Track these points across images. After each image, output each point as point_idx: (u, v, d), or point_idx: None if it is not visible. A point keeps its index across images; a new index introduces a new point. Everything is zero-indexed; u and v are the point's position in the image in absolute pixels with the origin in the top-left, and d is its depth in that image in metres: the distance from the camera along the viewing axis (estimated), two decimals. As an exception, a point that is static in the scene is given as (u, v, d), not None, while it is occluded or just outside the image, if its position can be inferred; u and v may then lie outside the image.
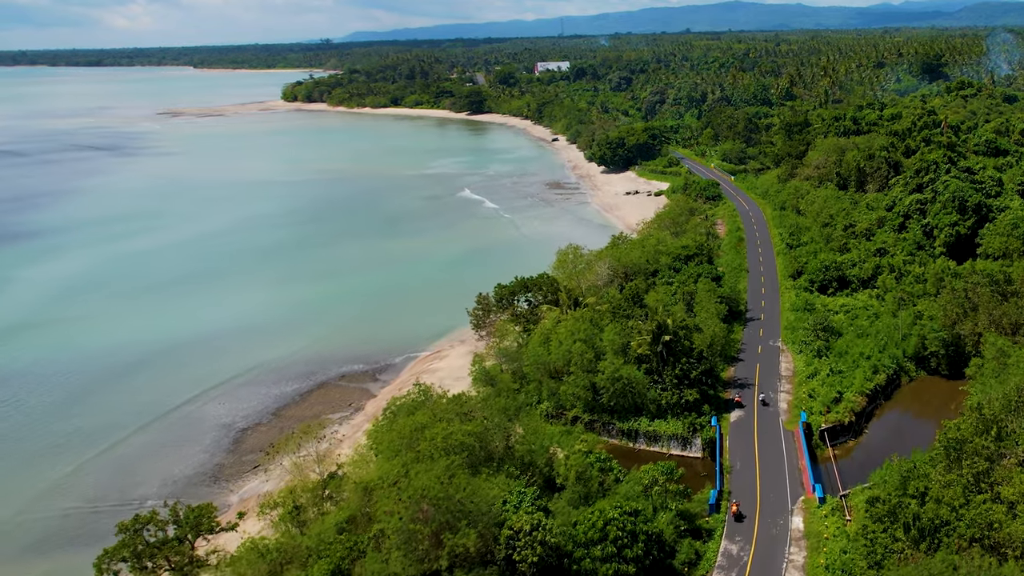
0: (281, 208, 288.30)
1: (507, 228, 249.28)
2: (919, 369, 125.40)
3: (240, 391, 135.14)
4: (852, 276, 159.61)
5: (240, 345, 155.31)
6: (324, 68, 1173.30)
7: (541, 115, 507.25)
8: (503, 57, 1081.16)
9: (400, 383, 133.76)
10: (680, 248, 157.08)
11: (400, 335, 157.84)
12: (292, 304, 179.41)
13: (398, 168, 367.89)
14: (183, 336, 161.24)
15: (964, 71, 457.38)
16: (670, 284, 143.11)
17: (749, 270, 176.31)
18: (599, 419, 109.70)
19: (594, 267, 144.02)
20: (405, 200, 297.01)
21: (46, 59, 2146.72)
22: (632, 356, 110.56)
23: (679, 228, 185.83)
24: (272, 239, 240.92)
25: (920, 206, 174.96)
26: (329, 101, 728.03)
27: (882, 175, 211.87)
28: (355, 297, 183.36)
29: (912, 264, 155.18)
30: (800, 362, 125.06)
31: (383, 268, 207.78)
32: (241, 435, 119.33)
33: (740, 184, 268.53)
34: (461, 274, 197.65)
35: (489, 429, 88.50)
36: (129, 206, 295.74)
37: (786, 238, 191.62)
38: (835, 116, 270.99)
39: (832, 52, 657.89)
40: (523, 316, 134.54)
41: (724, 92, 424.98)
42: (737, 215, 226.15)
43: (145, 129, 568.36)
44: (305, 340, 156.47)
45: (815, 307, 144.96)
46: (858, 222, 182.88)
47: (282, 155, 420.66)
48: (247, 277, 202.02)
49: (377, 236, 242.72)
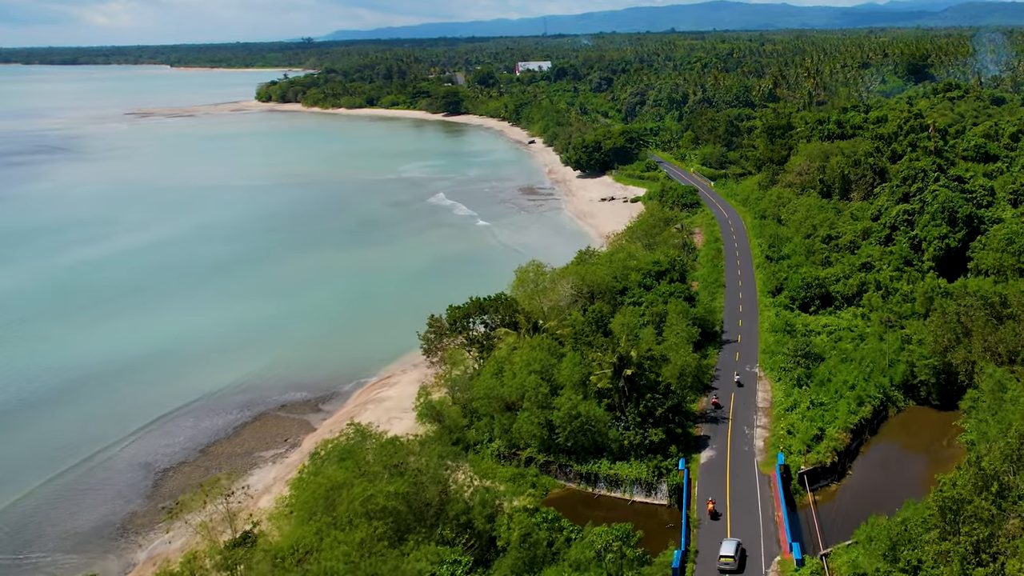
0: (241, 215, 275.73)
1: (477, 236, 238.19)
2: (907, 398, 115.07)
3: (168, 424, 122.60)
4: (836, 293, 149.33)
5: (177, 371, 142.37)
6: (303, 67, 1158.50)
7: (519, 117, 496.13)
8: (484, 57, 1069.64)
9: (344, 414, 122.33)
10: (651, 264, 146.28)
11: (352, 358, 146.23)
12: (240, 324, 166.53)
13: (369, 172, 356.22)
14: (113, 362, 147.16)
15: (950, 72, 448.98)
16: (639, 304, 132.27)
17: (726, 285, 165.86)
18: (556, 460, 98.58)
19: (557, 286, 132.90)
20: (373, 206, 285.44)
21: (20, 57, 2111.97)
22: (592, 390, 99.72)
23: (652, 240, 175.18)
24: (227, 249, 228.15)
25: (908, 217, 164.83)
26: (304, 101, 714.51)
27: (867, 182, 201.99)
28: (308, 315, 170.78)
29: (899, 280, 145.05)
30: (779, 391, 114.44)
31: (342, 282, 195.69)
32: (162, 477, 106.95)
33: (720, 190, 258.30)
34: (424, 288, 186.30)
35: (422, 483, 77.57)
36: (75, 213, 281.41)
37: (766, 250, 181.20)
38: (819, 119, 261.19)
39: (817, 52, 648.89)
40: (478, 341, 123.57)
41: (706, 93, 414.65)
42: (716, 224, 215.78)
43: (109, 130, 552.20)
44: (249, 365, 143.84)
45: (796, 328, 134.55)
46: (842, 233, 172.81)
47: (249, 158, 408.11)
48: (193, 293, 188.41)
49: (340, 246, 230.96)
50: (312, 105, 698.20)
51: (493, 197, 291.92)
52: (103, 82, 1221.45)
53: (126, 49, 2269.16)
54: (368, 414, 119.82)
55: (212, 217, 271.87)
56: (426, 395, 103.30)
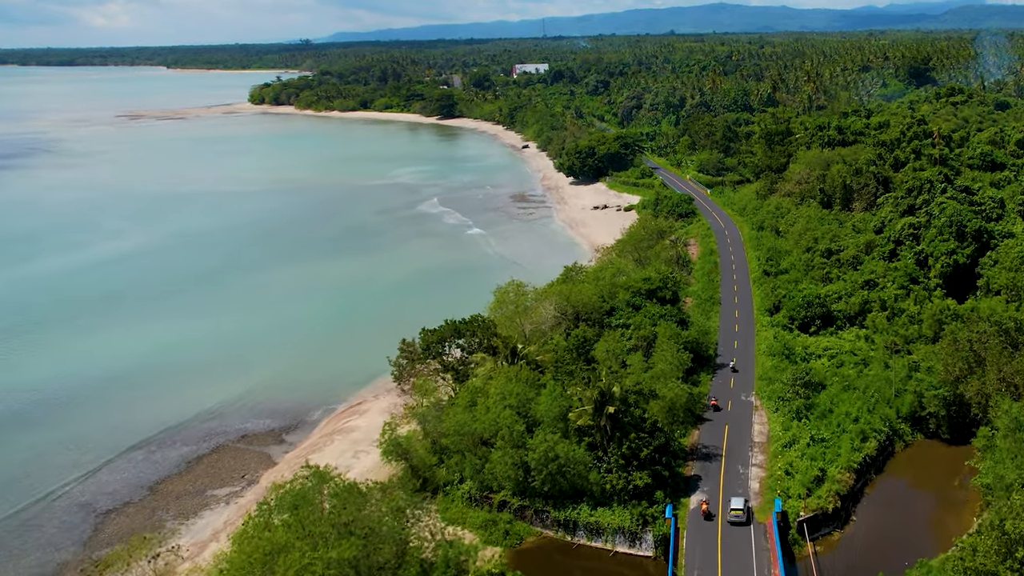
0: (223, 223, 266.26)
1: (465, 246, 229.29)
2: (915, 431, 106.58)
3: (117, 457, 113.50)
4: (837, 312, 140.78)
5: (134, 397, 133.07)
6: (300, 69, 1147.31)
7: (513, 120, 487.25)
8: (482, 59, 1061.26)
9: (308, 447, 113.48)
10: (641, 281, 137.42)
11: (322, 381, 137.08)
12: (207, 343, 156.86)
13: (359, 177, 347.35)
14: (67, 387, 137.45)
15: (952, 76, 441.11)
16: (627, 327, 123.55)
17: (722, 302, 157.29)
18: (531, 505, 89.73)
19: (539, 307, 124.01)
20: (360, 214, 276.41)
21: (16, 58, 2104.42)
22: (572, 428, 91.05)
23: (643, 254, 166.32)
24: (203, 260, 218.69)
25: (913, 231, 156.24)
26: (297, 104, 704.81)
27: (870, 192, 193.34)
28: (280, 333, 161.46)
29: (905, 300, 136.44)
30: (776, 424, 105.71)
31: (321, 296, 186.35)
32: (103, 520, 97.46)
33: (716, 199, 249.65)
34: (405, 302, 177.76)
35: (376, 543, 68.97)
36: (49, 220, 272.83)
37: (763, 263, 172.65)
38: (819, 125, 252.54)
39: (816, 55, 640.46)
40: (453, 367, 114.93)
41: (704, 97, 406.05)
42: (712, 235, 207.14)
43: (94, 133, 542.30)
44: (212, 389, 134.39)
45: (795, 351, 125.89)
46: (844, 247, 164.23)
47: (237, 162, 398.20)
48: (162, 308, 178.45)
49: (323, 256, 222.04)
50: (305, 108, 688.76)
51: (483, 205, 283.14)
52: (97, 84, 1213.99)
53: (124, 50, 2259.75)
54: (333, 447, 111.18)
55: (192, 225, 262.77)
56: (391, 431, 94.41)
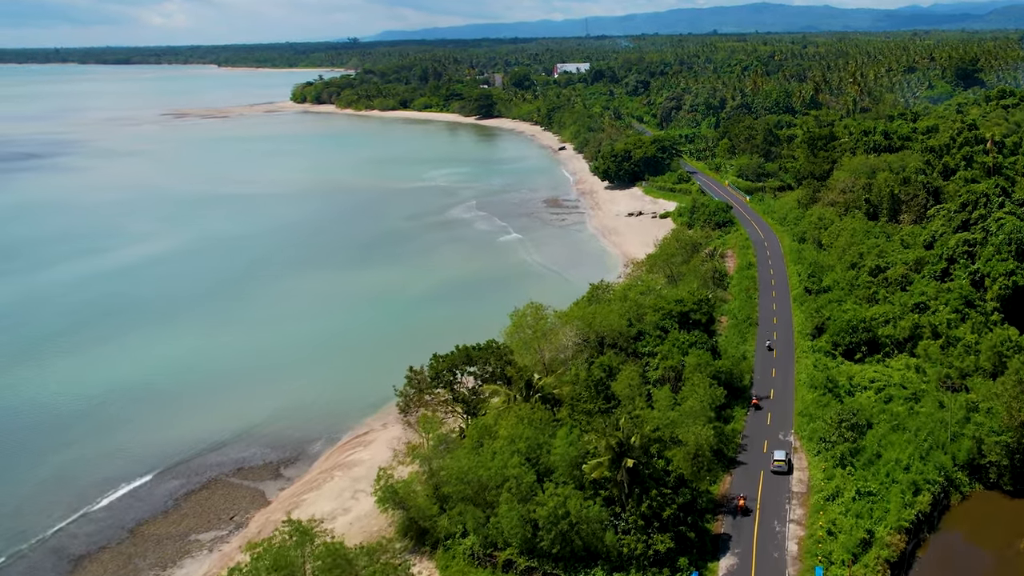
0: (250, 227, 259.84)
1: (495, 255, 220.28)
2: (973, 481, 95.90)
3: (99, 497, 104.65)
4: (884, 337, 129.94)
5: (125, 423, 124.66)
6: (345, 68, 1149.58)
7: (551, 121, 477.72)
8: (524, 58, 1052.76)
9: (305, 484, 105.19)
10: (672, 303, 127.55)
11: (329, 406, 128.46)
12: (211, 362, 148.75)
13: (393, 180, 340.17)
14: (55, 410, 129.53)
15: (1001, 77, 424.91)
16: (653, 356, 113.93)
17: (760, 323, 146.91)
18: (540, 567, 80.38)
19: (559, 333, 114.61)
20: (389, 219, 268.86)
21: (77, 57, 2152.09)
22: (587, 480, 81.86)
23: (676, 270, 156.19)
24: (224, 267, 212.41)
25: (968, 248, 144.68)
26: (337, 103, 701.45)
27: (919, 203, 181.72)
28: (292, 350, 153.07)
29: (960, 327, 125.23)
30: (817, 471, 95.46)
31: (341, 308, 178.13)
32: (74, 568, 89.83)
33: (756, 206, 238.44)
34: (429, 316, 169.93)
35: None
36: (78, 223, 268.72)
37: (805, 280, 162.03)
38: (864, 130, 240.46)
39: (860, 56, 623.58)
40: (463, 399, 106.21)
41: (744, 99, 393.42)
42: (750, 246, 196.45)
43: (136, 132, 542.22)
44: (212, 413, 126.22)
45: (838, 384, 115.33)
46: (891, 263, 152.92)
47: (271, 163, 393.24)
48: (172, 321, 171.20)
49: (346, 265, 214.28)
50: (345, 107, 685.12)
51: (517, 210, 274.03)
52: (149, 82, 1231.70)
53: (178, 49, 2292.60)
54: (332, 485, 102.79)
55: (221, 229, 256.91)
56: (387, 477, 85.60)
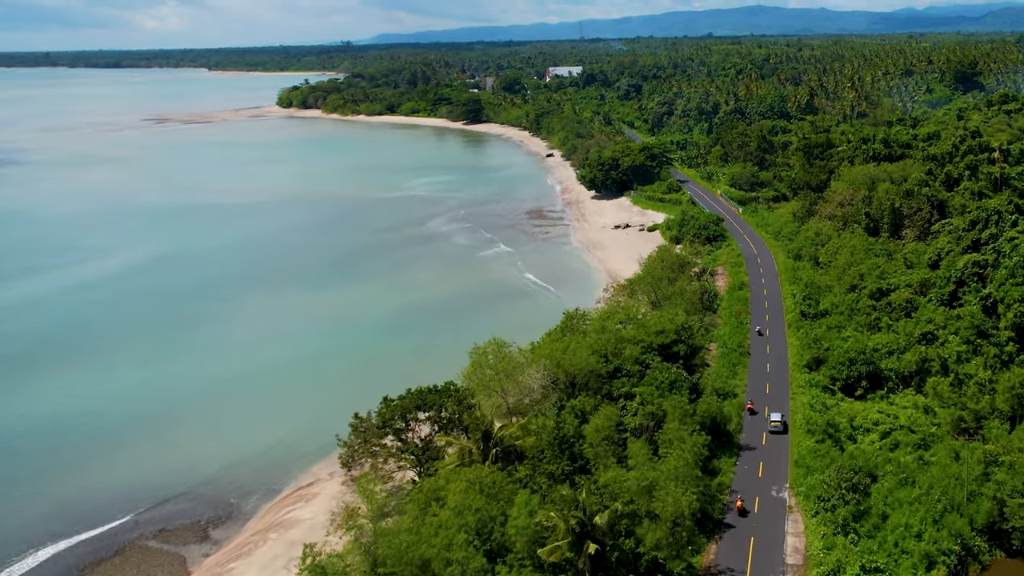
0: (216, 241, 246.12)
1: (469, 273, 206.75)
2: (994, 548, 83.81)
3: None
4: (888, 371, 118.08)
5: (33, 473, 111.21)
6: (336, 71, 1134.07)
7: (539, 126, 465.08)
8: (517, 61, 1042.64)
9: (234, 548, 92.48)
10: (653, 335, 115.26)
11: (274, 450, 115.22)
12: (141, 398, 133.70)
13: (373, 189, 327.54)
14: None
15: (1000, 81, 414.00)
16: (631, 398, 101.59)
17: (752, 351, 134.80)
18: (489, 664, 68.55)
19: (525, 372, 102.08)
20: (365, 231, 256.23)
21: (67, 60, 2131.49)
22: (546, 564, 69.66)
23: (660, 292, 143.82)
24: (176, 287, 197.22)
25: (978, 270, 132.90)
26: (323, 108, 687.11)
27: (923, 218, 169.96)
28: (234, 386, 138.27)
29: (973, 361, 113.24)
30: (815, 538, 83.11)
31: (298, 335, 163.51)
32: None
33: (749, 218, 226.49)
34: (392, 345, 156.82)
35: None
36: (31, 236, 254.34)
37: (800, 303, 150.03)
38: (863, 137, 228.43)
39: (856, 58, 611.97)
40: (413, 451, 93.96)
41: (738, 103, 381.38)
42: (742, 263, 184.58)
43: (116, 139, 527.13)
44: (134, 464, 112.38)
45: (838, 427, 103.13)
46: (894, 285, 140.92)
47: (249, 172, 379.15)
48: (99, 354, 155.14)
49: (312, 284, 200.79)
50: (332, 111, 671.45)
51: (499, 222, 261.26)
52: (137, 86, 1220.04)
53: (169, 52, 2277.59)
54: (265, 551, 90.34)
55: (183, 243, 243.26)
56: (313, 555, 73.33)
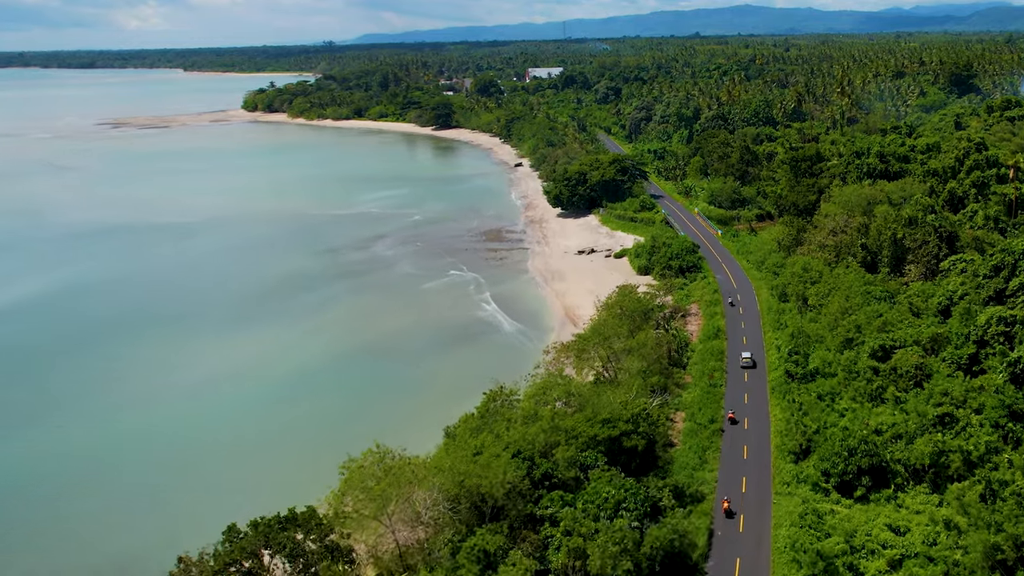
0: (120, 270, 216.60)
1: (405, 311, 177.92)
2: None
3: None
4: (895, 463, 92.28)
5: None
6: (314, 72, 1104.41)
7: (510, 133, 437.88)
8: (497, 62, 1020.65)
9: None
10: (598, 425, 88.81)
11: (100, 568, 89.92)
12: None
13: (321, 204, 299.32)
14: None
15: (997, 83, 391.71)
16: (556, 524, 75.20)
17: (725, 429, 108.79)
18: None
19: (415, 494, 75.37)
20: (299, 256, 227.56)
21: (40, 60, 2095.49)
22: None
23: (620, 348, 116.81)
24: (55, 330, 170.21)
25: (1005, 328, 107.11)
26: (289, 112, 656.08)
27: (929, 252, 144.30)
28: (71, 478, 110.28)
29: (1004, 452, 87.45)
30: None
31: (178, 400, 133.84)
32: None
33: (729, 244, 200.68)
34: (295, 412, 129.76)
35: None
36: None
37: (786, 359, 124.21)
38: (855, 151, 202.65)
39: (845, 59, 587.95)
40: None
41: (721, 108, 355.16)
42: (719, 302, 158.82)
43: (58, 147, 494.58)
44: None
45: (834, 556, 77.28)
46: (900, 341, 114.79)
47: (189, 185, 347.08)
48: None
49: (217, 326, 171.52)
50: (297, 116, 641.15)
51: (451, 244, 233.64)
52: (105, 87, 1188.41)
53: (146, 52, 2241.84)
54: None
55: (84, 272, 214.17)
56: None
